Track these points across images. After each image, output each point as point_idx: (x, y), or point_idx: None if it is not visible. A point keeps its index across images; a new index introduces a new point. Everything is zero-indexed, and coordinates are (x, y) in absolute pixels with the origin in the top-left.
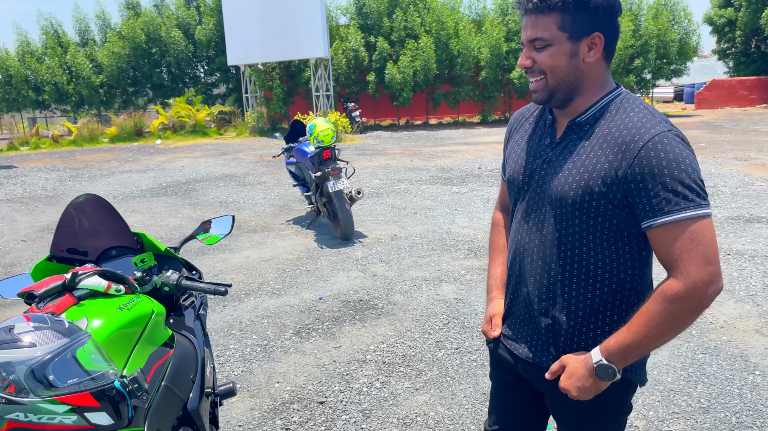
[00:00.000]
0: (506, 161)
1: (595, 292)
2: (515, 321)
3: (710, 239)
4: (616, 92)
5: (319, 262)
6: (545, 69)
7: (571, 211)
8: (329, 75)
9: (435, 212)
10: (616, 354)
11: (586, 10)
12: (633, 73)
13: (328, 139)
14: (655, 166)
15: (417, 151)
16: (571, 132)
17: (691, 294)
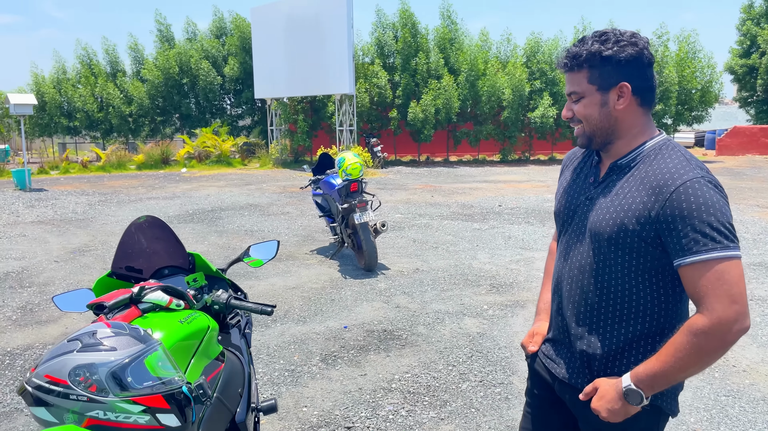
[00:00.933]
0: (556, 197)
1: (629, 323)
2: (555, 343)
3: (737, 279)
4: (658, 138)
5: (343, 292)
6: (581, 118)
7: (607, 245)
8: (353, 111)
9: (456, 247)
10: (644, 381)
11: (611, 63)
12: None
13: (356, 172)
14: (685, 208)
15: (437, 187)
16: (613, 173)
17: (716, 330)
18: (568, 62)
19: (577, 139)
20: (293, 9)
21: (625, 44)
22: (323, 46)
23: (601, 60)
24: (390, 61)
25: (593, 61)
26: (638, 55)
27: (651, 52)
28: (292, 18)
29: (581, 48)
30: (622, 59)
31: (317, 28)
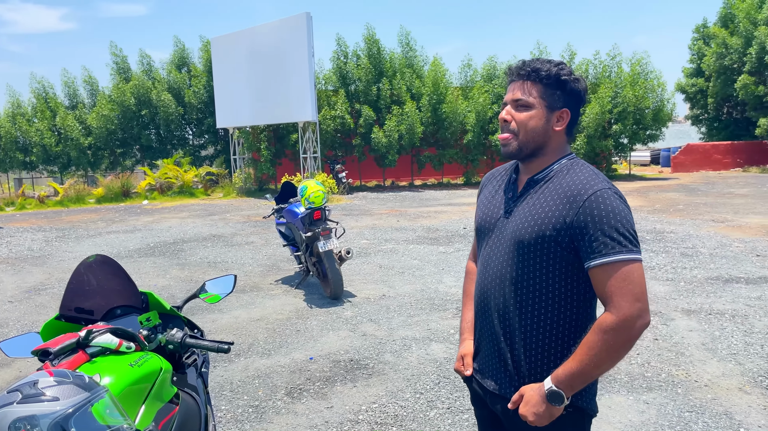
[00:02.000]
0: (476, 214)
1: (550, 327)
2: (483, 357)
3: (639, 280)
4: (569, 156)
5: (309, 322)
6: (520, 126)
7: (526, 252)
8: (317, 138)
9: (422, 271)
10: (564, 382)
11: (563, 89)
12: (611, 138)
13: (319, 200)
14: (596, 215)
15: (403, 211)
16: (529, 187)
17: (622, 326)
18: (527, 72)
19: (503, 146)
20: (254, 38)
21: (577, 78)
22: (285, 74)
23: (556, 82)
24: (352, 88)
25: (549, 80)
26: (583, 92)
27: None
28: (254, 47)
29: (541, 65)
30: (572, 89)
31: (279, 56)
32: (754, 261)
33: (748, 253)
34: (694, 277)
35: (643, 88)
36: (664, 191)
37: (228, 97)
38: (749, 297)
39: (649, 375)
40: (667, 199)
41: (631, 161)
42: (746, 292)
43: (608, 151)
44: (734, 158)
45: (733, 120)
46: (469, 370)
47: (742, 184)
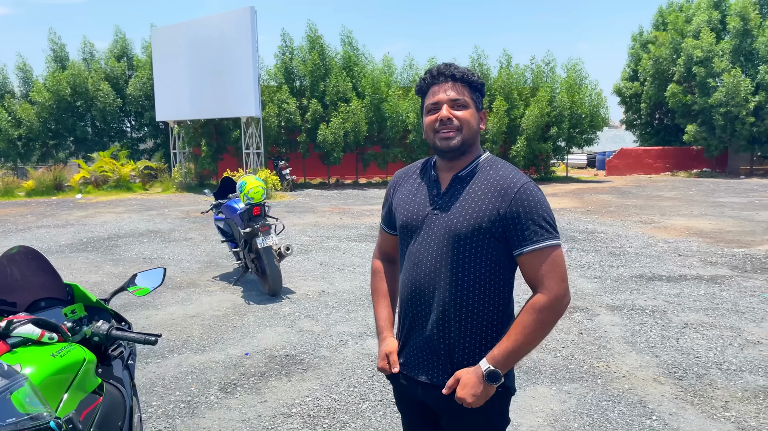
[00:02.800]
0: (395, 212)
1: (483, 313)
2: (413, 351)
3: (563, 263)
4: (486, 154)
5: (245, 318)
6: (463, 124)
7: (463, 244)
8: (260, 134)
9: (363, 269)
10: (500, 361)
11: (481, 92)
12: (549, 141)
13: (258, 196)
14: (527, 206)
15: (346, 209)
16: (456, 183)
17: (553, 305)
18: (461, 75)
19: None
20: (197, 31)
21: (484, 84)
22: (228, 68)
23: (479, 86)
24: (298, 85)
25: (475, 85)
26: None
27: None
28: (196, 40)
29: (466, 70)
30: (483, 94)
31: (222, 50)
32: (676, 260)
33: (671, 253)
34: (620, 275)
35: (579, 93)
36: (598, 193)
37: (169, 90)
38: (669, 294)
39: (572, 367)
40: (601, 200)
41: (568, 164)
42: (666, 289)
43: (546, 153)
44: (664, 163)
45: (664, 126)
46: (396, 367)
47: (671, 188)
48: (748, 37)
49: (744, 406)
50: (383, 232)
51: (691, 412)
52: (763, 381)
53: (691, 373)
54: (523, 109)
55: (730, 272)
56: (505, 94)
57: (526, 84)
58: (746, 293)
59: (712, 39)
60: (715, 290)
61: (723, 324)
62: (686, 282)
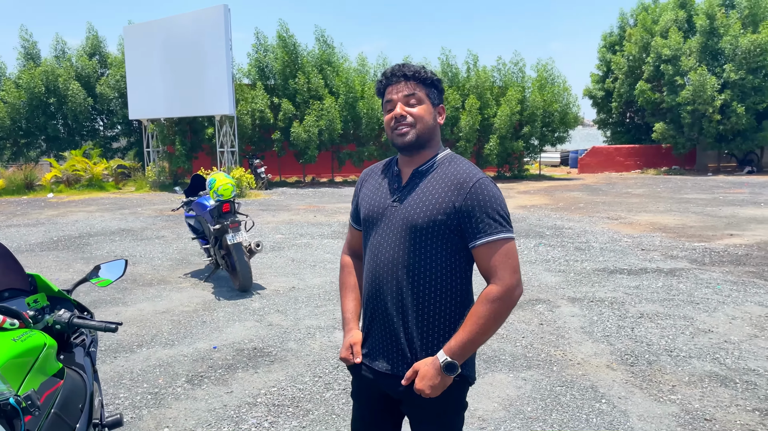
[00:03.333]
0: (359, 206)
1: (439, 304)
2: (374, 341)
3: (516, 255)
4: (446, 151)
5: (215, 313)
6: (417, 119)
7: (420, 236)
8: (234, 132)
9: (334, 265)
10: (457, 352)
11: (437, 88)
12: (522, 139)
13: (227, 192)
14: (481, 199)
15: (321, 207)
16: (416, 177)
17: (506, 295)
18: (411, 73)
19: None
20: (170, 29)
21: (440, 79)
22: (202, 66)
23: (432, 82)
24: (271, 83)
25: (427, 81)
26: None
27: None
28: (169, 38)
29: (417, 68)
30: (441, 89)
31: (195, 48)
32: (638, 254)
33: (634, 248)
34: (583, 269)
35: (550, 92)
36: (568, 190)
37: (142, 88)
38: (628, 286)
39: (530, 355)
40: (571, 197)
41: (541, 162)
42: (626, 282)
43: (519, 151)
44: (635, 161)
45: (635, 125)
46: (358, 358)
47: (639, 185)
48: (714, 36)
49: (689, 390)
50: (352, 229)
51: (639, 396)
52: (710, 367)
53: (642, 360)
54: (495, 108)
55: (688, 265)
56: (477, 93)
57: (495, 83)
58: (702, 284)
59: (680, 38)
60: (673, 282)
61: (677, 314)
62: (646, 275)
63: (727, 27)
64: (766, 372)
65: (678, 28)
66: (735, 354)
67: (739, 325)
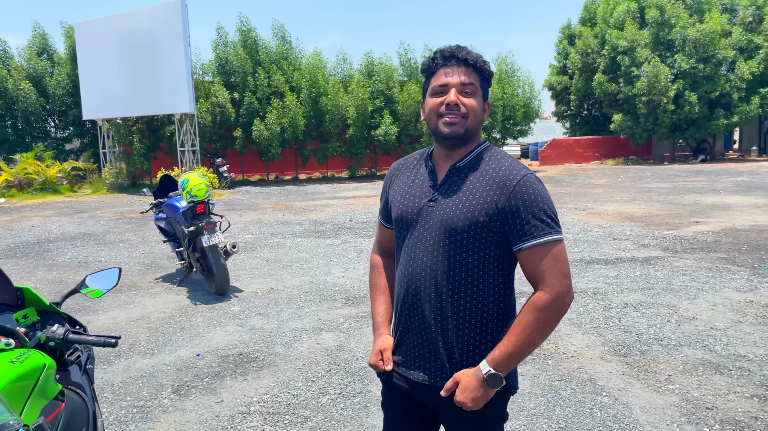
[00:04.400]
0: (390, 205)
1: (481, 312)
2: (409, 349)
3: (566, 258)
4: (485, 144)
5: (193, 319)
6: (469, 111)
7: (460, 239)
8: (195, 130)
9: (311, 264)
10: (501, 363)
11: (489, 82)
12: (484, 132)
13: (201, 193)
14: (527, 199)
15: (288, 205)
16: (453, 175)
17: (556, 303)
18: (473, 60)
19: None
20: (124, 25)
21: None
22: (160, 63)
23: (489, 75)
24: (232, 79)
25: (485, 73)
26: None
27: None
28: (124, 34)
29: (479, 57)
30: (490, 84)
31: (152, 44)
32: (611, 244)
33: (606, 237)
34: None
35: (511, 86)
36: None
37: (96, 87)
38: (608, 276)
39: None
40: None
41: None
42: (605, 272)
43: None
44: (594, 152)
45: (593, 116)
46: (389, 365)
47: (600, 176)
48: (665, 26)
49: (686, 379)
50: (381, 227)
51: (638, 387)
52: (701, 354)
53: (634, 350)
54: None
55: (662, 253)
56: None
57: None
58: (678, 272)
59: (635, 29)
60: (650, 271)
61: (660, 302)
62: (623, 265)
63: (677, 18)
64: (756, 358)
65: (632, 20)
66: (723, 340)
67: (721, 311)
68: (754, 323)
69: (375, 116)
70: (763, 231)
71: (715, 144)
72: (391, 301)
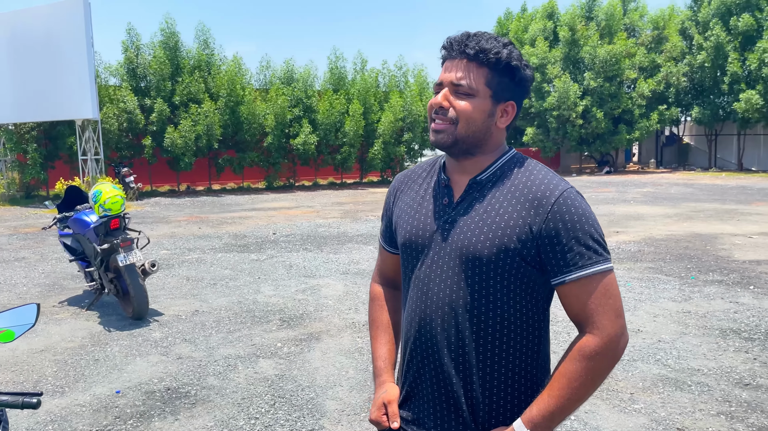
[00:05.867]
0: (395, 226)
1: (510, 356)
2: (422, 404)
3: (618, 293)
4: (511, 152)
5: (109, 348)
6: (460, 116)
7: (486, 270)
8: (99, 137)
9: (237, 282)
10: (541, 424)
11: (512, 77)
12: (404, 145)
13: (116, 206)
14: (568, 220)
15: (204, 217)
16: (473, 191)
17: (608, 349)
18: (474, 51)
19: (436, 133)
20: (18, 23)
21: (527, 65)
22: (59, 65)
23: (505, 68)
24: (142, 84)
25: (498, 66)
26: (531, 81)
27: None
28: (17, 34)
29: (490, 44)
30: (522, 78)
31: (51, 45)
32: None
33: None
34: None
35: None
36: None
37: None
38: None
39: None
40: None
41: None
42: None
43: (401, 156)
44: None
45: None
46: (396, 422)
47: None
48: (576, 46)
49: (648, 397)
50: (383, 251)
51: (604, 408)
52: (657, 369)
53: None
54: (380, 113)
55: None
56: (362, 98)
57: (380, 88)
58: None
59: (546, 47)
60: None
61: None
62: None
63: (586, 38)
64: (711, 372)
65: (545, 38)
66: (674, 354)
67: (664, 323)
68: (698, 334)
69: (294, 125)
70: (680, 241)
71: (618, 157)
72: (395, 342)
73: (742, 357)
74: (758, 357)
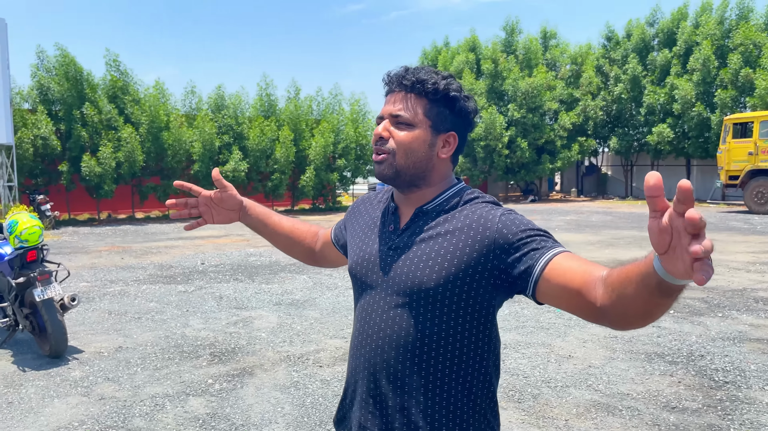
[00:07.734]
0: (348, 248)
1: (462, 395)
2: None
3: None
4: (460, 185)
5: (23, 390)
6: (401, 147)
7: (431, 299)
8: (13, 163)
9: (163, 315)
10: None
11: (451, 108)
12: (336, 171)
13: (34, 237)
14: (513, 228)
15: (127, 247)
16: (418, 219)
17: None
18: (410, 83)
19: (378, 165)
20: None
21: (467, 96)
22: None
23: (444, 99)
24: (57, 108)
25: (437, 96)
26: (472, 113)
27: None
28: None
29: (428, 75)
30: (461, 109)
31: None
32: None
33: None
34: None
35: (363, 127)
36: None
37: None
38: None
39: None
40: None
41: (353, 193)
42: None
43: (333, 183)
44: None
45: None
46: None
47: None
48: (499, 78)
49: (583, 423)
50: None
51: None
52: (589, 395)
53: (527, 395)
54: (311, 139)
55: None
56: (293, 125)
57: (313, 115)
58: (542, 309)
59: (473, 78)
60: (517, 309)
61: (535, 341)
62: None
63: (508, 71)
64: (639, 395)
65: (470, 70)
66: (604, 379)
67: (593, 348)
68: (626, 359)
69: (223, 152)
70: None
71: (541, 185)
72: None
73: (667, 381)
74: (682, 380)
